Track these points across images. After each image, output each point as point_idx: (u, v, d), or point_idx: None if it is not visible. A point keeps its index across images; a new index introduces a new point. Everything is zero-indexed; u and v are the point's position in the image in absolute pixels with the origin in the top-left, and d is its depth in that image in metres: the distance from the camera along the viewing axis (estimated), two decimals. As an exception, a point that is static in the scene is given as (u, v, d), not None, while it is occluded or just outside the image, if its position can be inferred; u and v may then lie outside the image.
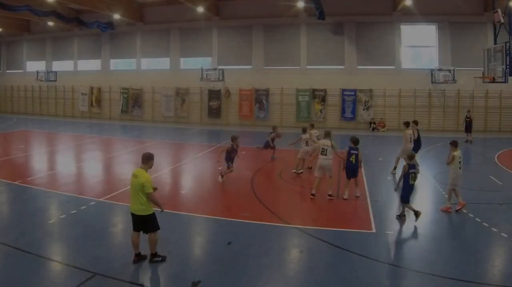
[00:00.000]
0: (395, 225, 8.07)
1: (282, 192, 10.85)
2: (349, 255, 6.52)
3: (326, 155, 9.59)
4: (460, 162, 8.85)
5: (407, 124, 12.67)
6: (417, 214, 7.96)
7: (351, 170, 9.66)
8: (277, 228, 7.75)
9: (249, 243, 6.94)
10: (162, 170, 12.64)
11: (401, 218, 8.29)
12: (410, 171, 8.10)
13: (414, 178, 8.15)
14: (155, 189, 6.14)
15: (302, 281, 5.78)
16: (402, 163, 10.46)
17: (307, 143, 12.53)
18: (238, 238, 7.12)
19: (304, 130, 12.85)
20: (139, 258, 6.08)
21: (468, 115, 20.33)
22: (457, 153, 8.85)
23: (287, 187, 11.29)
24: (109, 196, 9.52)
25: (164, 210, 6.16)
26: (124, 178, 11.54)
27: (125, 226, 7.58)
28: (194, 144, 18.89)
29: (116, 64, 29.41)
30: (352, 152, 9.66)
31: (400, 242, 7.28)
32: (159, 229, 6.10)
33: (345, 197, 9.64)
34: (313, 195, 9.67)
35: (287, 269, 6.13)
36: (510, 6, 16.94)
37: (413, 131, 12.56)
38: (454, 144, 8.98)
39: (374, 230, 7.61)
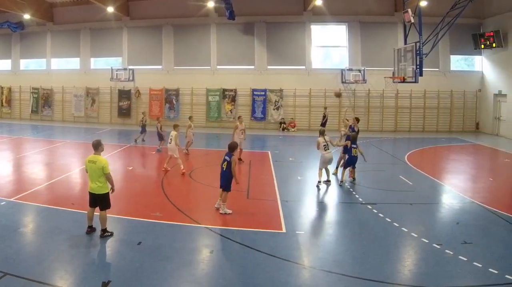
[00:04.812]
0: (305, 225, 8.20)
1: (193, 192, 10.82)
2: (259, 255, 6.51)
3: (328, 149, 10.86)
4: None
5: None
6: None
7: (222, 177, 8.54)
8: (188, 227, 7.73)
9: (159, 243, 6.90)
10: (73, 170, 12.46)
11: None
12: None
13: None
14: None
15: (212, 281, 5.75)
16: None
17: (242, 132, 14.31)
18: (148, 238, 7.07)
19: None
20: (91, 229, 7.10)
21: (324, 113, 20.37)
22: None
23: (198, 186, 11.20)
24: (20, 195, 9.36)
25: (114, 190, 7.14)
26: (34, 178, 11.43)
27: (35, 225, 7.73)
28: (105, 144, 18.19)
29: (27, 64, 28.54)
30: (225, 157, 8.57)
31: (310, 242, 7.25)
32: (109, 207, 7.03)
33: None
34: (320, 182, 10.88)
35: (197, 270, 6.09)
36: (420, 7, 17.03)
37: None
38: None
39: (284, 230, 7.64)
